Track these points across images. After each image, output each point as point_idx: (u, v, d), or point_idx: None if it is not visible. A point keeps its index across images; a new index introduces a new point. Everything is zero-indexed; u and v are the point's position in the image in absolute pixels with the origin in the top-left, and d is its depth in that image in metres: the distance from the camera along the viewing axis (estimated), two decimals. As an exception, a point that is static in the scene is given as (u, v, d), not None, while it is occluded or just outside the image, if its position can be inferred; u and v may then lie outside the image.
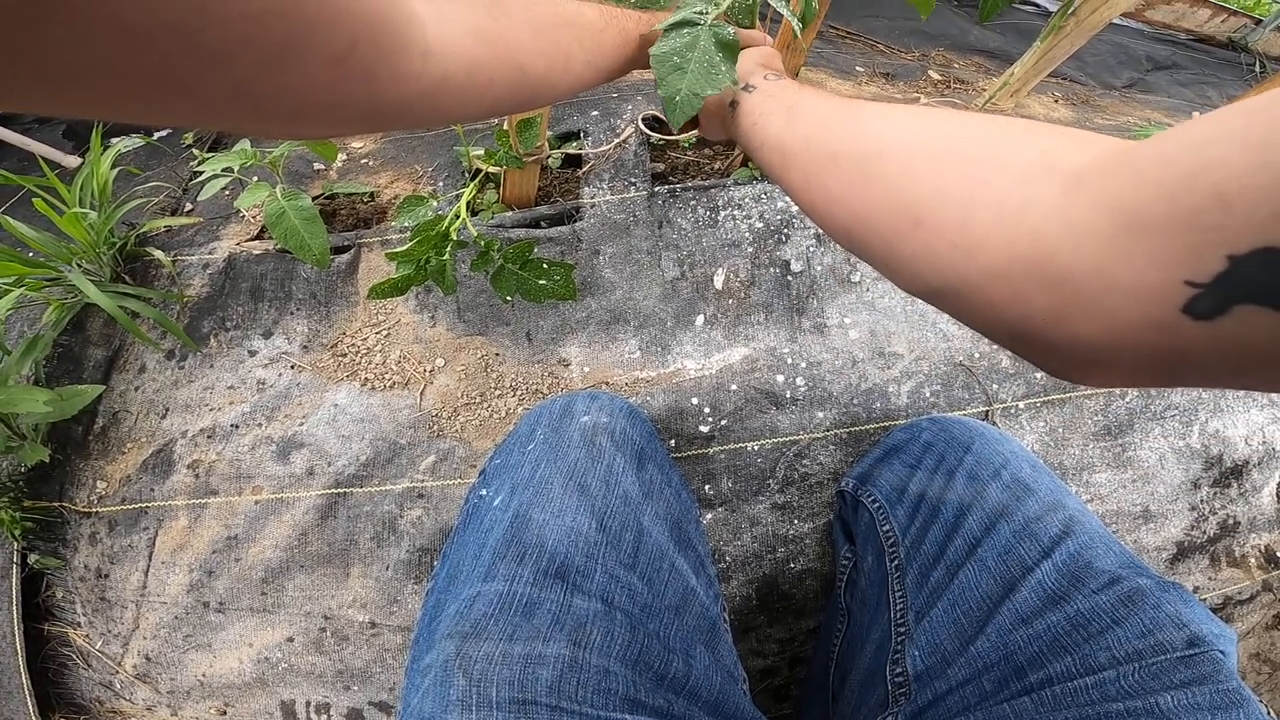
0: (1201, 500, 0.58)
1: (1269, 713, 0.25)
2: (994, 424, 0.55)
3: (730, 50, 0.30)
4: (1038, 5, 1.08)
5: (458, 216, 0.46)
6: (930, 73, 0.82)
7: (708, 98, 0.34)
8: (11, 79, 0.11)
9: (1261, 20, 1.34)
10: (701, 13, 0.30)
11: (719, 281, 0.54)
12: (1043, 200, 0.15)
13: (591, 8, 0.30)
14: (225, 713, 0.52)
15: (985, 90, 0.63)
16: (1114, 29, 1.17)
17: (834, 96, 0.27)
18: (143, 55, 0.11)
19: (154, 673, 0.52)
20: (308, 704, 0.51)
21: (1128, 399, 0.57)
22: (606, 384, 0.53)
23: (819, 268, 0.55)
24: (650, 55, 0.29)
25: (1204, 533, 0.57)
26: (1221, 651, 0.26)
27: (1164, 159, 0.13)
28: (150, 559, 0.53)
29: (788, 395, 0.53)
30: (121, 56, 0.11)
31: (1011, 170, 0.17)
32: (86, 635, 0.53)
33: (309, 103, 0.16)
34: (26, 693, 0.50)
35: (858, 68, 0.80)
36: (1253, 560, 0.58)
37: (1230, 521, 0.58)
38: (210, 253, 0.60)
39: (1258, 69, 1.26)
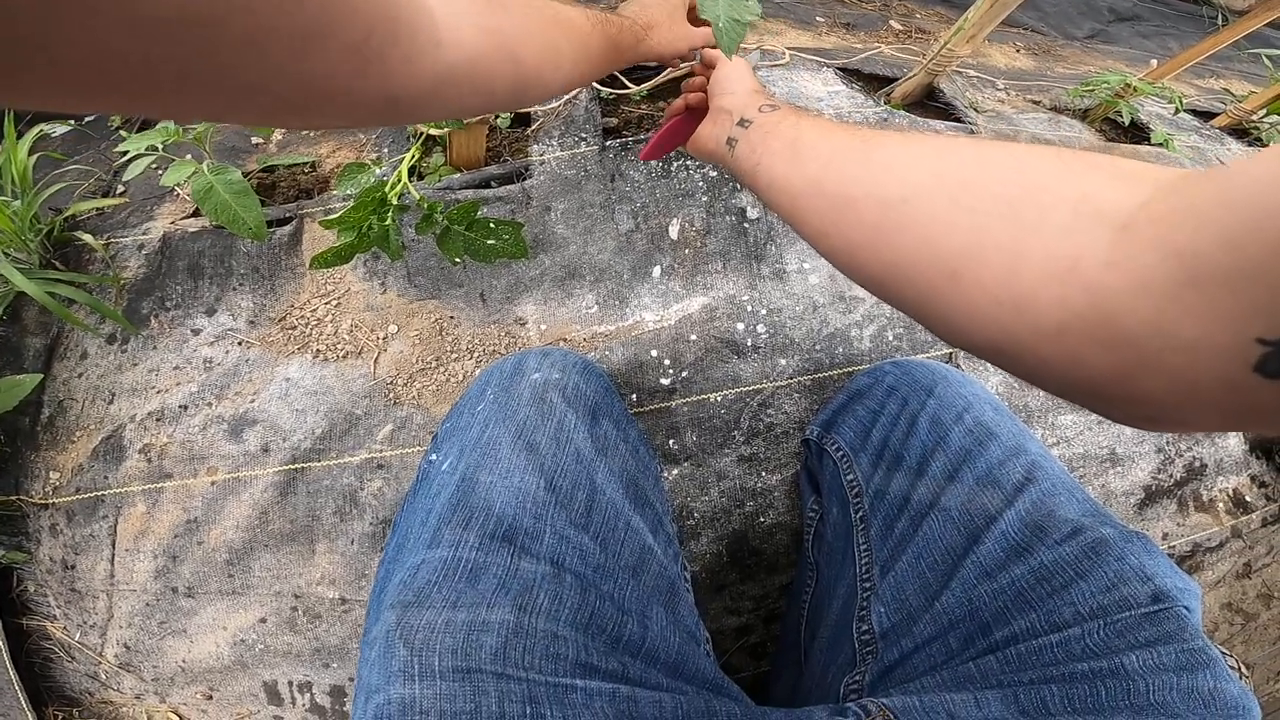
0: (1168, 441, 0.58)
1: (1239, 668, 0.25)
2: (958, 366, 0.55)
3: None
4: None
5: (399, 180, 0.45)
6: (891, 23, 0.81)
7: (703, 132, 0.34)
8: (40, 76, 0.10)
9: None
10: None
11: (674, 232, 0.53)
12: (1095, 250, 0.14)
13: (579, 12, 0.30)
14: (211, 696, 0.51)
15: (941, 39, 0.62)
16: None
17: (838, 125, 0.25)
18: (169, 46, 0.11)
19: (135, 661, 0.51)
20: (290, 683, 0.50)
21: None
22: (565, 340, 0.52)
23: (775, 214, 0.54)
24: None
25: (1171, 476, 0.57)
26: (1186, 607, 0.26)
27: (1225, 201, 0.12)
28: (113, 547, 0.52)
29: (749, 343, 0.52)
30: (147, 48, 0.11)
31: (1056, 215, 0.15)
32: (64, 627, 0.52)
33: (329, 92, 0.16)
34: (17, 687, 0.49)
35: (818, 18, 0.79)
36: (1220, 505, 0.58)
37: (1197, 464, 0.58)
38: (144, 233, 0.57)
39: (1220, 21, 1.27)
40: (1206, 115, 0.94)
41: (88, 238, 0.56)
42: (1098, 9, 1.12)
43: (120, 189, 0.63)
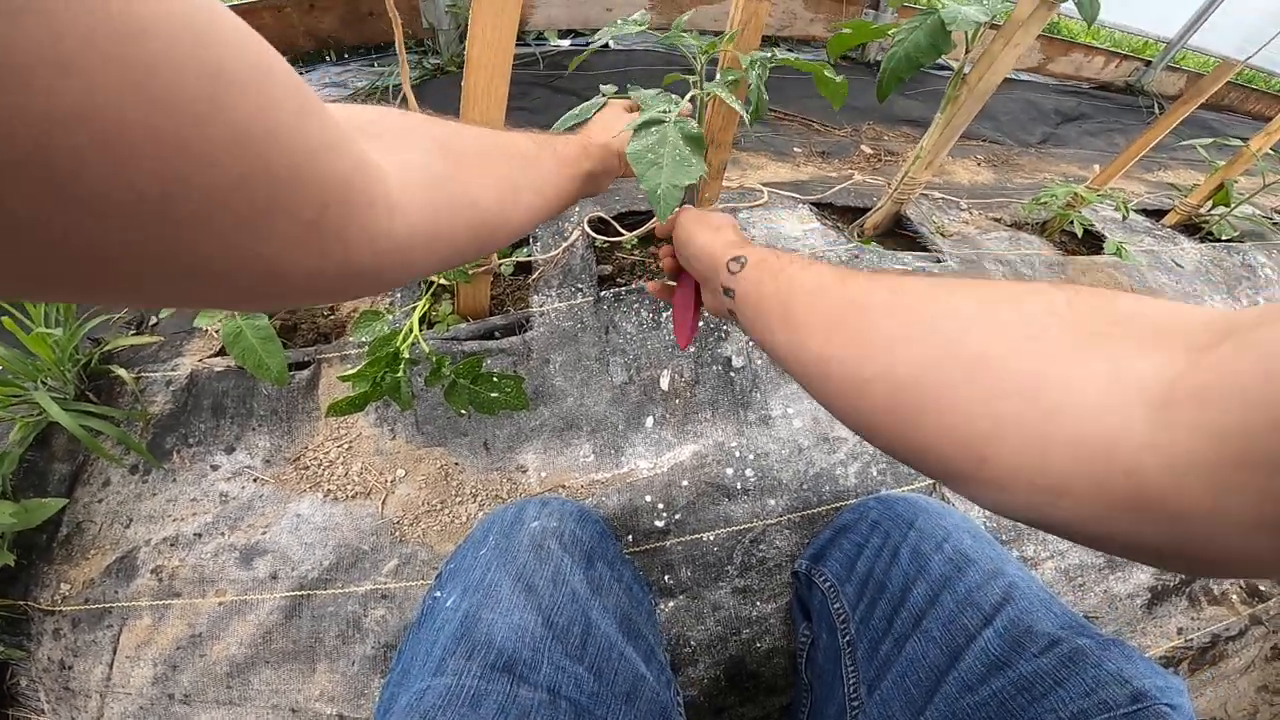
0: None
1: None
2: (943, 496, 0.57)
3: (696, 143, 0.31)
4: (951, 70, 1.18)
5: (409, 332, 0.49)
6: (863, 147, 0.88)
7: (709, 304, 0.35)
8: None
9: (1151, 61, 1.48)
10: (665, 111, 0.33)
11: (665, 383, 0.57)
12: (1130, 431, 0.14)
13: (523, 136, 0.30)
14: (193, 805, 0.51)
15: (907, 160, 0.68)
16: (1022, 86, 1.27)
17: (824, 279, 0.25)
18: (120, 229, 0.11)
19: (119, 760, 0.50)
20: (277, 798, 0.50)
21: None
22: (563, 487, 0.54)
23: (759, 361, 0.58)
24: (626, 155, 0.31)
25: (1175, 575, 0.59)
26: (1169, 705, 0.27)
27: (1269, 377, 0.12)
28: (114, 653, 0.52)
29: (739, 487, 0.55)
30: (99, 231, 0.11)
31: (1083, 394, 0.15)
32: None
33: (287, 272, 0.15)
34: (-11, 776, 0.49)
35: (795, 149, 0.86)
36: (1234, 596, 0.60)
37: None
38: (173, 369, 0.61)
39: (1156, 110, 1.37)
40: (1158, 214, 1.01)
41: (121, 372, 0.60)
42: (1046, 113, 1.22)
43: (153, 320, 0.68)
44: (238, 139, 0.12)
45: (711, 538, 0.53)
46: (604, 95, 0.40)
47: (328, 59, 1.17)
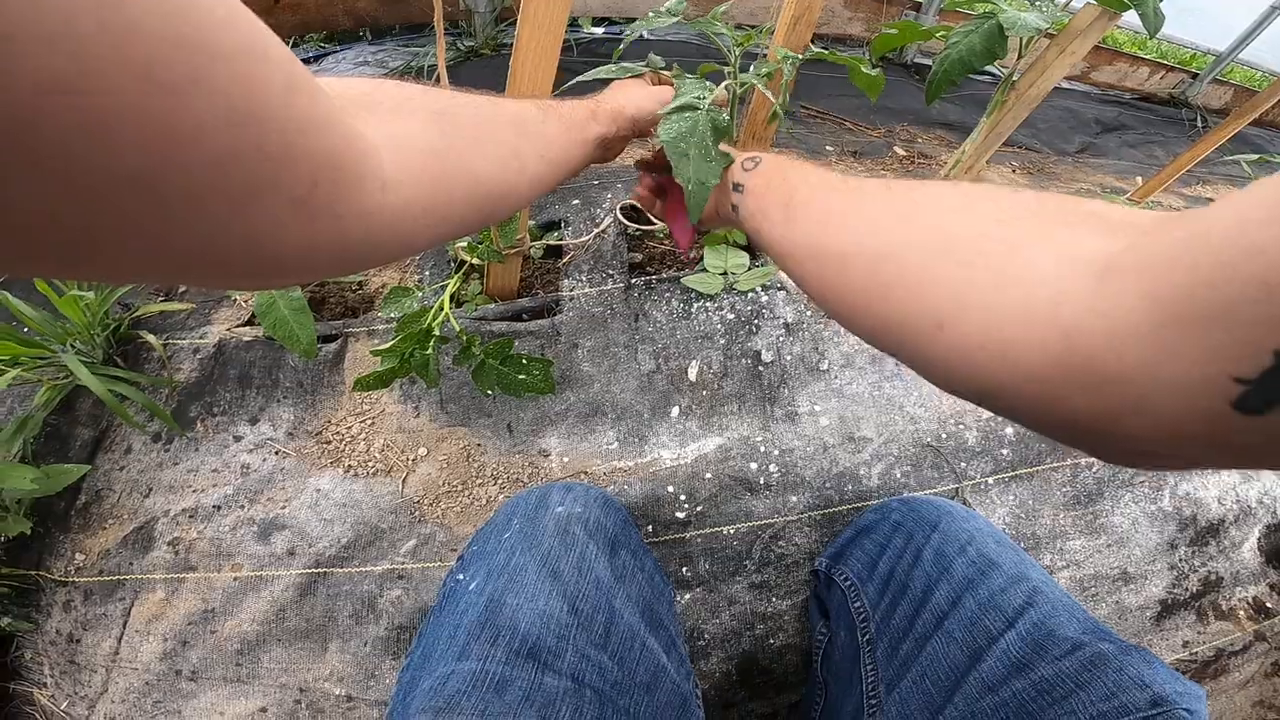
0: (1180, 559, 0.59)
1: None
2: (964, 501, 0.56)
3: (721, 134, 0.31)
4: (994, 75, 1.16)
5: (441, 310, 0.49)
6: (896, 148, 0.87)
7: (714, 207, 0.33)
8: None
9: (1198, 74, 1.44)
10: (700, 98, 0.32)
11: (693, 373, 0.57)
12: (1074, 295, 0.14)
13: (528, 103, 0.29)
14: (196, 782, 0.51)
15: (944, 165, 0.67)
16: (1063, 94, 1.25)
17: (827, 178, 0.26)
18: (106, 207, 0.11)
19: (119, 737, 0.51)
20: (281, 777, 0.50)
21: (1094, 469, 0.59)
22: (585, 474, 0.54)
23: (788, 357, 0.58)
24: (661, 139, 0.30)
25: (1186, 590, 0.58)
26: (1187, 710, 0.27)
27: (1202, 241, 0.12)
28: (124, 627, 0.53)
29: (761, 482, 0.54)
30: (84, 208, 0.11)
31: (1036, 264, 0.16)
32: (52, 695, 0.53)
33: (279, 251, 0.15)
34: (-16, 747, 0.49)
35: (828, 147, 0.85)
36: (1242, 612, 0.59)
37: (1213, 577, 0.59)
38: (201, 337, 0.62)
39: (1199, 124, 1.34)
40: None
41: (150, 338, 0.61)
42: (1086, 122, 1.19)
43: (183, 289, 0.68)
44: (225, 115, 0.12)
45: (731, 532, 0.53)
46: (649, 65, 0.39)
47: (364, 38, 1.17)
